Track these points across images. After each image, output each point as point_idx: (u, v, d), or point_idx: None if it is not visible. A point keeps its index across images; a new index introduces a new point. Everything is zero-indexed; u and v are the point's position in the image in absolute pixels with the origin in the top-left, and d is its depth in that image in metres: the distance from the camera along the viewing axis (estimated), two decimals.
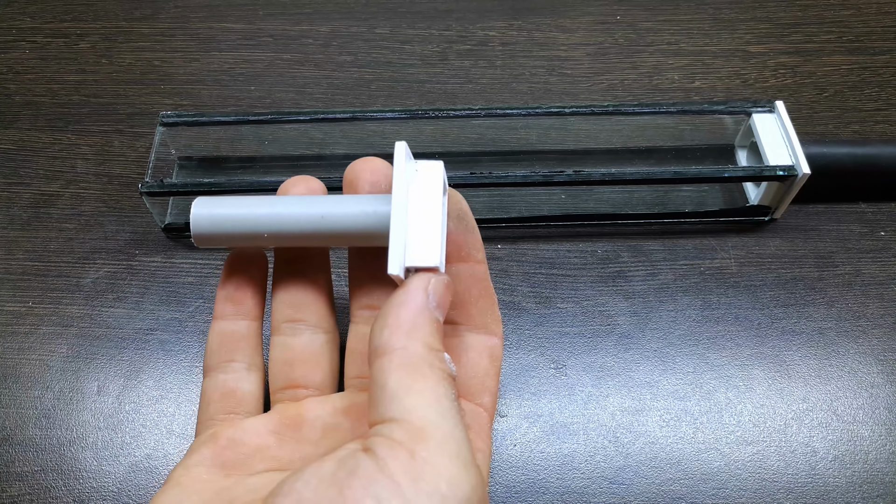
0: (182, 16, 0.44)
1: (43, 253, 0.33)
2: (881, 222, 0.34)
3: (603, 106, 0.35)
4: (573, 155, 0.37)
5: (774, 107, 0.34)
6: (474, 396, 0.22)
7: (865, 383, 0.29)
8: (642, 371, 0.29)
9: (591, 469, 0.27)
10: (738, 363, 0.30)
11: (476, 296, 0.22)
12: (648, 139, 0.37)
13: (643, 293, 0.32)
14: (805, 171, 0.31)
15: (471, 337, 0.23)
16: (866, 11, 0.44)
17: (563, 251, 0.33)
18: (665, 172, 0.31)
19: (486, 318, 0.23)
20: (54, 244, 0.33)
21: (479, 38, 0.43)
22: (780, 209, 0.33)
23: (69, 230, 0.34)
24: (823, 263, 0.33)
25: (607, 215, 0.34)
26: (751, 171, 0.32)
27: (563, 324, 0.31)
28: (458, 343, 0.23)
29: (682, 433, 0.28)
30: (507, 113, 0.34)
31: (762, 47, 0.43)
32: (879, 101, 0.40)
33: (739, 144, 0.36)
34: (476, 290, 0.22)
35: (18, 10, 0.45)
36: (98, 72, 0.41)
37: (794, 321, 0.31)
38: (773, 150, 0.32)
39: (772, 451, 0.27)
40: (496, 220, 0.34)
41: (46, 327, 0.31)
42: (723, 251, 0.33)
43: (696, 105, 0.35)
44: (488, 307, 0.23)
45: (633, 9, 0.45)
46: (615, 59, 0.42)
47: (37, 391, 0.29)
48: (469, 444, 0.18)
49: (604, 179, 0.31)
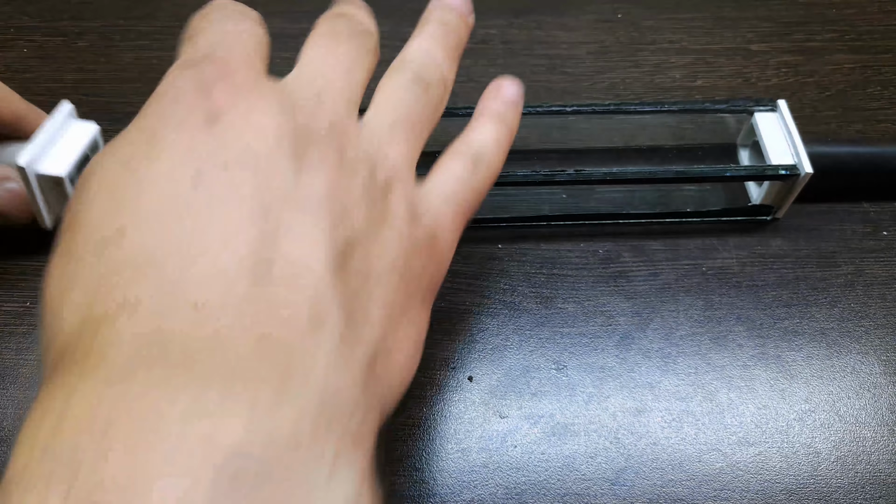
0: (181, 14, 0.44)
1: (41, 253, 0.33)
2: (884, 222, 0.34)
3: (604, 105, 0.34)
4: (574, 154, 0.37)
5: (777, 106, 0.34)
6: None
7: (868, 384, 0.29)
8: (644, 371, 0.29)
9: (593, 470, 0.27)
10: (740, 363, 0.29)
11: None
12: (650, 138, 0.37)
13: (644, 293, 0.32)
14: (807, 171, 0.31)
15: None
16: (869, 10, 0.44)
17: (563, 251, 0.33)
18: (667, 172, 0.31)
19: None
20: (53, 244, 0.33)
21: (479, 36, 0.43)
22: (783, 209, 0.33)
23: None
24: (826, 263, 0.33)
25: (609, 214, 0.34)
26: (753, 170, 0.32)
27: (564, 324, 0.31)
28: None
29: (683, 434, 0.28)
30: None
31: (764, 46, 0.42)
32: (882, 99, 0.39)
33: (741, 143, 0.36)
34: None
35: (16, 8, 0.44)
36: (97, 70, 0.41)
37: (796, 321, 0.31)
38: (776, 149, 0.32)
39: (774, 452, 0.27)
40: (496, 219, 0.34)
41: None
42: (725, 251, 0.33)
43: (697, 104, 0.35)
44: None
45: (634, 7, 0.45)
46: (616, 58, 0.42)
47: (35, 392, 0.29)
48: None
49: (605, 179, 0.31)
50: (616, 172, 0.31)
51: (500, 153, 0.25)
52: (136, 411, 0.14)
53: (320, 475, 0.15)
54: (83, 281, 0.16)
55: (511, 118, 0.26)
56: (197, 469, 0.13)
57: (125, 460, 0.13)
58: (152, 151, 0.17)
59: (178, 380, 0.14)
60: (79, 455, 0.13)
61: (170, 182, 0.17)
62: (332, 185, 0.18)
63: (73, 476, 0.13)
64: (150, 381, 0.14)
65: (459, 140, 0.25)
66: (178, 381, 0.14)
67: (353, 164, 0.20)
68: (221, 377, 0.14)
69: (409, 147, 0.22)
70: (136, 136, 0.18)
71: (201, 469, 0.13)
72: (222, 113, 0.18)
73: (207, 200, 0.17)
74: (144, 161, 0.17)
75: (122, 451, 0.13)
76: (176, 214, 0.16)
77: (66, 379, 0.15)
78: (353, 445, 0.16)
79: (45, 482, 0.13)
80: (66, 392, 0.14)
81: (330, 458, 0.15)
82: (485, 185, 0.24)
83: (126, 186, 0.17)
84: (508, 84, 0.27)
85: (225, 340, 0.15)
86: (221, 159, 0.17)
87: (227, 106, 0.18)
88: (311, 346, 0.16)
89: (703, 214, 0.34)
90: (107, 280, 0.16)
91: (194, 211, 0.16)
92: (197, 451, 0.13)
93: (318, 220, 0.18)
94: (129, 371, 0.14)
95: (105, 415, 0.14)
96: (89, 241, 0.17)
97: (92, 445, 0.13)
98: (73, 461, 0.13)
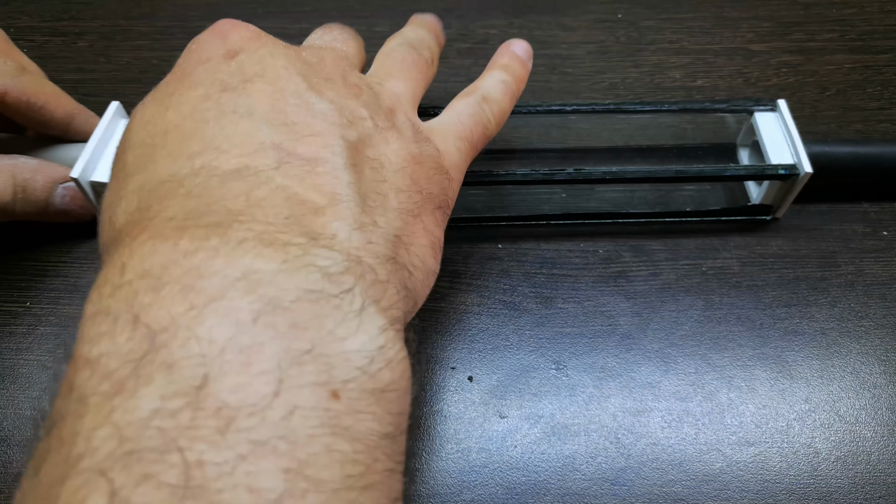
0: (181, 14, 0.44)
1: (41, 253, 0.33)
2: (884, 222, 0.34)
3: (604, 104, 0.34)
4: (574, 153, 0.37)
5: (777, 105, 0.34)
6: None
7: (868, 384, 0.29)
8: (644, 372, 0.29)
9: (593, 470, 0.27)
10: (740, 364, 0.29)
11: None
12: (650, 138, 0.37)
13: (645, 293, 0.32)
14: (807, 171, 0.31)
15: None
16: (869, 10, 0.44)
17: (563, 251, 0.33)
18: (666, 171, 0.31)
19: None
20: (52, 244, 0.33)
21: (479, 36, 0.43)
22: (782, 208, 0.33)
23: (67, 229, 0.34)
24: (826, 263, 0.33)
25: (608, 214, 0.34)
26: (753, 170, 0.32)
27: (564, 324, 0.31)
28: None
29: (683, 434, 0.28)
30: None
31: (764, 46, 0.42)
32: (882, 99, 0.39)
33: (741, 143, 0.36)
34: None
35: (16, 8, 0.44)
36: (96, 70, 0.41)
37: (796, 321, 0.31)
38: (776, 148, 0.32)
39: (774, 452, 0.27)
40: (496, 218, 0.34)
41: (44, 328, 0.31)
42: (725, 251, 0.33)
43: (697, 104, 0.35)
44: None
45: (634, 7, 0.45)
46: (616, 58, 0.42)
47: (35, 392, 0.29)
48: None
49: (605, 178, 0.31)
50: (616, 172, 0.31)
51: (506, 96, 0.28)
52: (184, 261, 0.16)
53: (348, 324, 0.16)
54: (130, 189, 0.19)
55: (518, 69, 0.29)
56: (238, 310, 0.15)
57: (178, 297, 0.15)
58: (182, 84, 0.21)
59: (219, 239, 0.16)
60: (140, 296, 0.15)
61: (200, 98, 0.20)
62: (339, 98, 0.22)
63: (136, 311, 0.15)
64: (196, 239, 0.16)
65: (467, 88, 0.28)
66: (218, 239, 0.16)
67: (357, 86, 0.23)
68: (256, 236, 0.17)
69: (408, 87, 0.25)
70: (168, 79, 0.22)
71: (241, 310, 0.15)
72: (240, 50, 0.22)
73: (232, 107, 0.20)
74: (176, 94, 0.21)
75: (177, 290, 0.15)
76: (206, 119, 0.19)
77: (122, 250, 0.17)
78: (379, 307, 0.17)
79: (113, 317, 0.15)
80: (124, 254, 0.17)
81: (357, 308, 0.17)
82: (491, 122, 0.27)
83: (164, 113, 0.20)
84: (517, 42, 0.30)
85: (256, 210, 0.17)
86: (240, 78, 0.21)
87: (243, 45, 0.22)
88: (331, 217, 0.18)
89: (703, 214, 0.34)
90: (152, 176, 0.19)
91: (222, 115, 0.19)
92: (237, 295, 0.15)
93: (330, 123, 0.20)
94: (177, 233, 0.17)
95: (159, 264, 0.16)
96: (133, 159, 0.20)
97: (150, 287, 0.15)
98: (134, 300, 0.15)
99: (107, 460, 0.13)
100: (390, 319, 0.17)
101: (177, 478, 0.13)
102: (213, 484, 0.13)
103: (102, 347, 0.15)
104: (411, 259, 0.21)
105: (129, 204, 0.18)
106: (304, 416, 0.14)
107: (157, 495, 0.13)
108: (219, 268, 0.16)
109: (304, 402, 0.15)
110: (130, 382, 0.14)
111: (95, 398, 0.14)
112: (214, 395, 0.14)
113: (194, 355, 0.14)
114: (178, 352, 0.14)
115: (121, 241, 0.18)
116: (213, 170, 0.18)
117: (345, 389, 0.15)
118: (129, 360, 0.14)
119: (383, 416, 0.16)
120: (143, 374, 0.14)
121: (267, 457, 0.14)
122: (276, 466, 0.14)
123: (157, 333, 0.15)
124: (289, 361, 0.15)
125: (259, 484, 0.13)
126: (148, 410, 0.14)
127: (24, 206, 0.30)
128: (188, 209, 0.17)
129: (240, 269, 0.16)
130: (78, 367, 0.15)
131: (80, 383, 0.15)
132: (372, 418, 0.15)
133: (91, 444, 0.14)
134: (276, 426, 0.14)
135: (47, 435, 0.15)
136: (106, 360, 0.15)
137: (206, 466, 0.13)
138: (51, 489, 0.13)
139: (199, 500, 0.13)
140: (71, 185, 0.31)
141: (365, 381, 0.16)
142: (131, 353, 0.14)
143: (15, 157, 0.30)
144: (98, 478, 0.13)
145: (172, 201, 0.18)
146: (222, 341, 0.15)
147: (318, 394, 0.15)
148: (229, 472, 0.13)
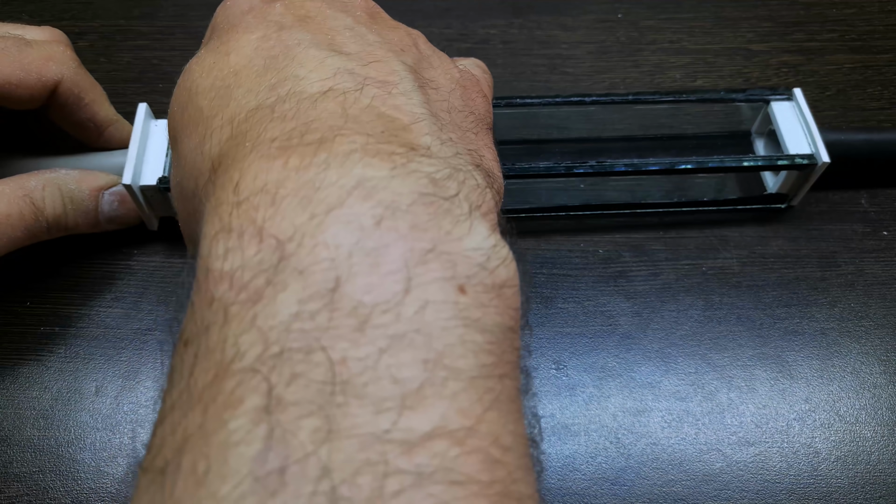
0: (181, 14, 0.44)
1: (40, 252, 0.33)
2: (884, 222, 0.34)
3: (623, 95, 0.35)
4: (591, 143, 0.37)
5: (793, 94, 0.33)
6: None
7: (868, 384, 0.29)
8: (644, 371, 0.29)
9: (593, 470, 0.27)
10: (740, 364, 0.29)
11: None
12: (666, 127, 0.37)
13: (645, 293, 0.32)
14: (825, 160, 0.31)
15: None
16: (869, 10, 0.44)
17: (563, 251, 0.33)
18: (687, 162, 0.31)
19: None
20: (52, 243, 0.33)
21: (479, 36, 0.43)
22: (798, 196, 0.33)
23: None
24: (826, 263, 0.33)
25: (625, 205, 0.34)
26: (770, 160, 0.32)
27: (564, 324, 0.31)
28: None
29: (683, 434, 0.28)
30: (527, 102, 0.34)
31: (764, 46, 0.42)
32: (882, 99, 0.39)
33: (757, 132, 0.36)
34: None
35: (17, 8, 0.44)
36: (96, 70, 0.41)
37: (796, 321, 0.31)
38: (792, 138, 0.32)
39: (774, 452, 0.27)
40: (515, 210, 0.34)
41: (44, 327, 0.31)
42: (725, 251, 0.33)
43: (714, 93, 0.35)
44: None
45: (634, 7, 0.45)
46: (617, 58, 0.42)
47: (35, 391, 0.29)
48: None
49: (626, 170, 0.31)
50: (637, 164, 0.31)
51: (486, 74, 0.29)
52: (296, 177, 0.16)
53: (462, 225, 0.17)
54: (217, 125, 0.19)
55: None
56: (359, 215, 0.16)
57: (298, 209, 0.16)
58: (236, 32, 0.22)
59: (326, 153, 0.17)
60: (261, 210, 0.16)
61: (259, 38, 0.21)
62: (383, 31, 0.23)
63: (260, 225, 0.16)
64: (305, 156, 0.17)
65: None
66: (326, 154, 0.17)
67: (390, 20, 0.25)
68: (361, 147, 0.17)
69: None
70: (213, 34, 0.23)
71: (363, 216, 0.16)
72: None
73: (295, 41, 0.21)
74: (232, 40, 0.21)
75: (296, 202, 0.16)
76: (274, 55, 0.20)
77: (231, 173, 0.17)
78: (481, 211, 0.18)
79: (238, 232, 0.16)
80: (234, 176, 0.17)
81: (466, 212, 0.17)
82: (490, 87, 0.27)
83: (225, 59, 0.21)
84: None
85: (354, 124, 0.18)
86: (292, 17, 0.22)
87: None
88: (419, 133, 0.19)
89: (719, 203, 0.34)
90: (239, 109, 0.19)
91: (288, 49, 0.20)
92: (355, 202, 0.16)
93: (387, 50, 0.21)
94: (284, 152, 0.17)
95: (274, 181, 0.16)
96: (209, 102, 0.20)
97: (268, 202, 0.16)
98: (256, 215, 0.16)
99: (256, 362, 0.14)
100: (492, 224, 0.18)
101: (323, 375, 0.14)
102: (357, 378, 0.14)
103: (234, 261, 0.16)
104: (489, 167, 0.22)
105: (223, 134, 0.19)
106: (436, 310, 0.15)
107: (307, 393, 0.14)
108: (333, 179, 0.16)
109: (435, 297, 0.15)
110: (268, 290, 0.15)
111: (235, 307, 0.15)
112: (349, 295, 0.15)
113: (323, 260, 0.15)
114: (307, 258, 0.15)
115: (223, 166, 0.18)
116: (301, 93, 0.19)
117: (469, 284, 0.16)
118: (262, 270, 0.15)
119: (505, 311, 0.16)
120: (277, 282, 0.15)
121: (405, 349, 0.14)
122: (415, 358, 0.14)
123: (284, 243, 0.15)
124: (415, 261, 0.15)
125: (401, 374, 0.14)
126: (288, 315, 0.14)
127: (76, 217, 0.30)
128: (288, 130, 0.18)
129: (354, 178, 0.16)
130: (215, 280, 0.16)
131: (219, 296, 0.15)
132: (496, 311, 0.16)
133: (240, 348, 0.14)
134: (411, 321, 0.15)
135: (187, 345, 0.16)
136: (240, 273, 0.15)
137: (350, 362, 0.14)
138: (205, 391, 0.14)
139: (347, 395, 0.14)
140: (116, 191, 0.31)
141: (485, 276, 0.16)
142: (262, 264, 0.15)
143: (55, 170, 0.30)
144: (251, 378, 0.14)
145: (270, 124, 0.18)
146: (348, 245, 0.15)
147: (446, 289, 0.15)
148: (372, 367, 0.14)
